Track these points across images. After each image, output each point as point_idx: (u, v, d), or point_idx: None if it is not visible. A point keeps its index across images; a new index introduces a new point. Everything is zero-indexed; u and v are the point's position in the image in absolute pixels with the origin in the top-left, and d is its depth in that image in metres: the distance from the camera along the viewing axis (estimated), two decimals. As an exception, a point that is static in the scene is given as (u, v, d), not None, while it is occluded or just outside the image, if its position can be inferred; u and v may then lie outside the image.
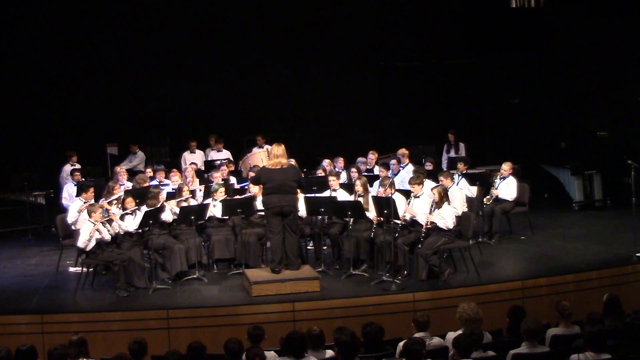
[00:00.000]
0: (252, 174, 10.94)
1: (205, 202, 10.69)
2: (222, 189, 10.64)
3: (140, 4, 15.85)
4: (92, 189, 10.51)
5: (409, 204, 9.91)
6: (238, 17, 16.15)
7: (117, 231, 9.72)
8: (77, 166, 13.36)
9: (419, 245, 9.56)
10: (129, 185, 11.36)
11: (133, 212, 9.89)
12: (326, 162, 12.28)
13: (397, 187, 10.60)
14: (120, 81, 15.69)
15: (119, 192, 10.44)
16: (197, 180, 11.90)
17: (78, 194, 10.93)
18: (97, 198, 10.56)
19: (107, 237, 9.58)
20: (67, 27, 15.42)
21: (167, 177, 11.72)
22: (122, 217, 9.83)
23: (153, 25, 15.85)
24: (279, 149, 9.59)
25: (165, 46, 15.92)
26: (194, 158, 14.09)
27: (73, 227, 10.36)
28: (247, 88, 16.29)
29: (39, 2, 15.39)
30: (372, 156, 12.78)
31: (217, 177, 11.24)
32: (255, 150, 13.64)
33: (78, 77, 15.61)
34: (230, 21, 16.13)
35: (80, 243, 9.48)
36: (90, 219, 9.49)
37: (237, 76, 16.25)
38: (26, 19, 15.42)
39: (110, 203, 10.19)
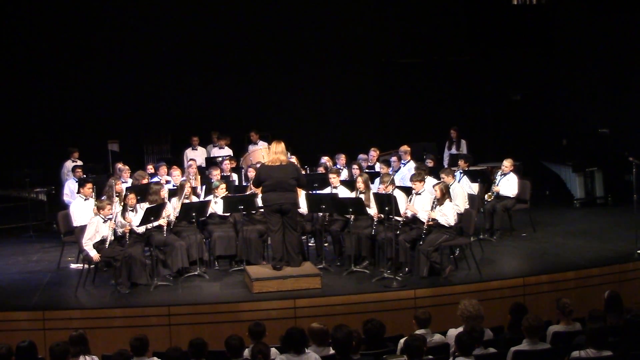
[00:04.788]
0: (252, 171, 10.92)
1: (207, 199, 10.69)
2: (223, 186, 10.64)
3: (141, 1, 15.86)
4: (88, 185, 10.52)
5: (410, 201, 9.91)
6: (239, 14, 16.14)
7: (121, 230, 9.75)
8: (79, 162, 13.37)
9: (420, 242, 9.56)
10: (129, 182, 11.35)
11: (134, 209, 9.89)
12: (325, 159, 12.28)
13: (398, 184, 10.62)
14: (122, 77, 15.70)
15: (120, 189, 10.45)
16: (199, 177, 11.89)
17: (79, 191, 10.94)
18: (98, 195, 10.55)
19: (120, 231, 9.66)
20: (68, 24, 15.42)
21: (168, 174, 11.70)
22: (123, 215, 9.84)
23: (155, 22, 15.85)
24: (278, 147, 9.57)
25: (167, 42, 15.92)
26: (195, 155, 14.08)
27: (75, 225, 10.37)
28: (248, 85, 16.30)
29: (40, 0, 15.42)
30: (374, 153, 12.77)
31: (216, 174, 11.20)
32: (251, 147, 13.67)
33: (79, 73, 15.61)
34: (231, 18, 16.13)
35: (85, 240, 9.44)
36: (100, 214, 9.48)
37: (238, 73, 16.24)
38: (27, 16, 15.43)
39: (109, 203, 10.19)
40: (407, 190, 10.15)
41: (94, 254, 9.41)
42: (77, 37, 15.50)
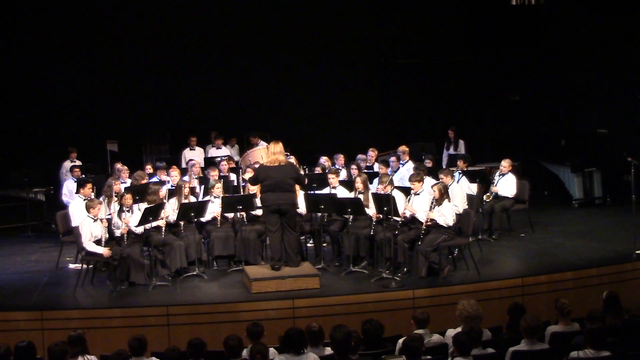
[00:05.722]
0: (249, 171, 10.92)
1: (205, 199, 10.67)
2: (219, 185, 10.64)
3: (140, 0, 15.85)
4: (89, 185, 10.52)
5: (408, 201, 9.91)
6: (238, 13, 16.13)
7: (119, 231, 9.75)
8: (77, 163, 13.36)
9: (419, 243, 9.57)
10: (128, 182, 11.35)
11: (130, 210, 9.88)
12: (324, 159, 12.27)
13: (397, 184, 10.62)
14: (121, 77, 15.69)
15: (119, 189, 10.45)
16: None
17: (78, 191, 10.94)
18: (98, 195, 10.54)
19: (118, 232, 9.66)
20: (67, 24, 15.40)
21: (167, 174, 11.69)
22: (119, 216, 9.83)
23: (153, 21, 15.84)
24: (276, 147, 9.57)
25: (166, 42, 15.91)
26: (193, 155, 14.07)
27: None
28: (247, 85, 16.29)
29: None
30: (372, 153, 12.77)
31: (214, 175, 11.19)
32: (256, 147, 13.66)
33: (78, 73, 15.60)
34: (230, 18, 16.12)
35: (85, 241, 9.40)
36: (89, 214, 9.47)
37: (237, 73, 16.23)
38: (26, 16, 15.41)
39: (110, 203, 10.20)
40: (406, 191, 10.15)
41: (102, 251, 9.37)
42: (76, 37, 15.48)
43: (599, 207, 13.95)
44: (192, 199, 10.65)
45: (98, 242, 9.45)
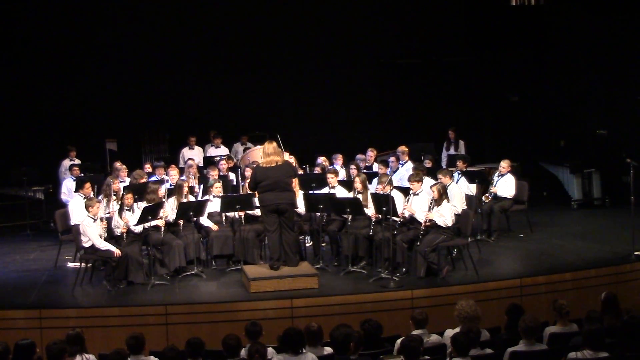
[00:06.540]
0: (249, 171, 10.91)
1: (204, 198, 10.68)
2: (218, 185, 10.63)
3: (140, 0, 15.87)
4: (88, 184, 10.52)
5: (407, 201, 9.92)
6: (238, 13, 16.13)
7: (119, 230, 9.76)
8: (76, 161, 13.36)
9: (418, 243, 9.57)
10: (127, 181, 11.35)
11: (130, 209, 9.88)
12: (322, 159, 12.26)
13: (396, 185, 10.62)
14: (120, 76, 15.69)
15: (118, 188, 10.45)
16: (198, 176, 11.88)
17: (77, 190, 10.94)
18: (97, 194, 10.54)
19: (118, 231, 9.67)
20: (66, 22, 15.39)
21: (165, 173, 11.69)
22: (120, 214, 9.84)
23: (152, 20, 15.83)
24: (269, 147, 9.55)
25: (165, 42, 15.90)
26: (192, 154, 14.06)
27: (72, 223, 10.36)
28: (246, 85, 16.28)
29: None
30: (371, 153, 12.76)
31: (214, 174, 11.20)
32: (256, 147, 13.66)
33: (77, 72, 15.58)
34: (230, 18, 16.11)
35: (97, 242, 9.39)
36: (89, 214, 9.46)
37: (236, 73, 16.23)
38: (26, 15, 15.41)
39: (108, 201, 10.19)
40: (405, 191, 10.15)
41: (115, 249, 9.37)
42: (75, 36, 15.47)
43: (598, 208, 13.95)
44: (191, 198, 10.65)
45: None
